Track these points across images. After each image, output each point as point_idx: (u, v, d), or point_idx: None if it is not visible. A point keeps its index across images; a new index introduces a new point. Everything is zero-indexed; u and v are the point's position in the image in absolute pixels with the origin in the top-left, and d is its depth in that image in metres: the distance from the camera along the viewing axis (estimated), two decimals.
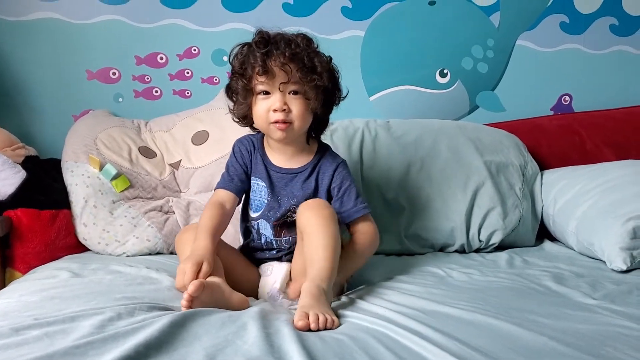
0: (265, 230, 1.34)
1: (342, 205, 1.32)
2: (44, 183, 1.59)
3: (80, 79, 1.94)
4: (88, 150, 1.65)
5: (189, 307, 0.99)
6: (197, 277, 1.08)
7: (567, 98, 2.19)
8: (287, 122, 1.25)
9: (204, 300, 1.02)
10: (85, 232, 1.56)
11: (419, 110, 2.09)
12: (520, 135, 1.97)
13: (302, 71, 1.22)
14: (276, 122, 1.25)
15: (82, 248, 1.58)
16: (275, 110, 1.24)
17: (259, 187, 1.34)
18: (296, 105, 1.25)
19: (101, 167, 1.61)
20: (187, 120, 1.82)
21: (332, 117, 1.39)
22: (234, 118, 1.36)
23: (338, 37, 2.03)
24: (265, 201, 1.33)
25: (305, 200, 1.28)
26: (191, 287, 1.00)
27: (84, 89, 1.94)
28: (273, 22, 1.92)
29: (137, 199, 1.64)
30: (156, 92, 1.99)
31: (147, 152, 1.73)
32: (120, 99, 1.97)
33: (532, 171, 1.87)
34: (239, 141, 1.40)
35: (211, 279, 1.11)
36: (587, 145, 2.01)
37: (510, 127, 2.01)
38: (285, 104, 1.24)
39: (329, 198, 1.33)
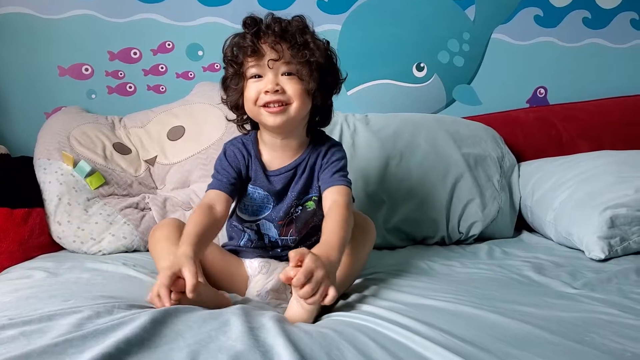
0: (269, 230, 1.27)
1: (322, 176, 1.24)
2: (16, 181, 1.55)
3: (52, 76, 1.90)
4: (61, 147, 1.61)
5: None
6: (172, 287, 0.95)
7: (542, 91, 2.21)
8: (282, 104, 1.16)
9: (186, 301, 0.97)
10: (59, 230, 1.52)
11: (397, 104, 2.09)
12: (497, 127, 1.98)
13: (294, 48, 1.15)
14: (266, 105, 1.16)
15: (56, 247, 1.54)
16: (266, 92, 1.15)
17: (260, 196, 1.25)
18: (290, 85, 1.16)
19: (75, 164, 1.57)
20: (162, 116, 1.79)
21: None
22: (227, 117, 1.32)
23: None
24: (271, 206, 1.25)
25: (304, 190, 1.25)
26: (190, 296, 0.93)
27: (56, 86, 1.90)
28: None
29: (112, 196, 1.61)
30: (130, 87, 1.95)
31: (122, 149, 1.70)
32: (93, 95, 1.93)
33: (509, 163, 1.89)
34: (231, 143, 1.29)
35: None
36: (563, 137, 2.03)
37: (487, 120, 2.02)
38: (278, 84, 1.15)
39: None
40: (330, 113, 1.31)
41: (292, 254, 0.94)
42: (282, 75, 1.16)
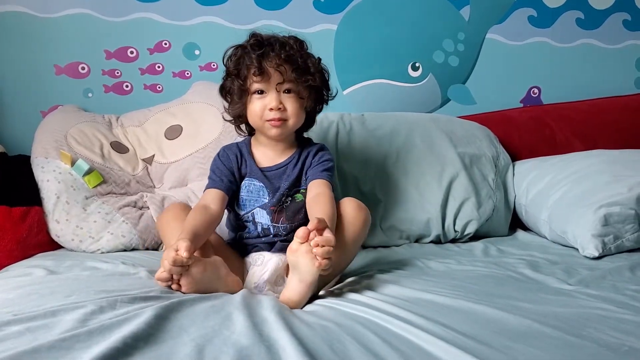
0: (262, 218, 1.34)
1: (310, 171, 1.36)
2: (14, 180, 1.55)
3: (48, 74, 1.90)
4: (59, 145, 1.61)
5: (173, 275, 1.04)
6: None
7: (536, 90, 2.23)
8: (282, 120, 1.30)
9: (196, 276, 1.05)
10: (57, 228, 1.52)
11: (392, 104, 2.11)
12: (491, 127, 2.00)
13: (297, 72, 1.28)
14: (272, 119, 1.30)
15: (54, 245, 1.54)
16: (271, 109, 1.29)
17: (255, 187, 1.35)
18: (291, 104, 1.30)
19: (73, 163, 1.58)
20: (160, 115, 1.79)
21: None
22: (224, 117, 1.42)
23: (310, 31, 2.03)
24: (266, 200, 1.34)
25: (295, 183, 1.35)
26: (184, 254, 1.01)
27: (52, 85, 1.90)
28: (245, 16, 1.95)
29: (110, 195, 1.61)
30: (127, 86, 1.96)
31: (119, 147, 1.70)
32: (90, 94, 1.93)
33: (504, 162, 1.90)
34: (226, 147, 1.42)
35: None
36: (557, 137, 2.05)
37: (481, 119, 2.03)
38: (281, 102, 1.29)
39: None
40: (314, 121, 1.45)
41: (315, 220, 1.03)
42: (283, 92, 1.30)
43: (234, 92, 1.33)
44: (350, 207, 1.27)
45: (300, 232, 1.03)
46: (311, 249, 1.01)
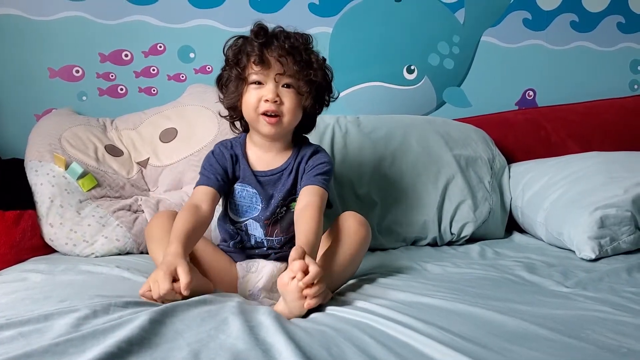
0: (255, 230, 1.31)
1: (304, 176, 1.30)
2: (7, 183, 1.54)
3: (42, 77, 1.88)
4: (53, 149, 1.60)
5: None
6: (171, 287, 0.99)
7: (531, 93, 2.23)
8: (277, 116, 1.24)
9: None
10: (51, 232, 1.51)
11: (388, 107, 2.10)
12: (487, 129, 1.99)
13: (299, 65, 1.22)
14: (265, 113, 1.23)
15: (48, 249, 1.53)
16: (266, 101, 1.22)
17: (248, 194, 1.30)
18: (289, 99, 1.24)
19: (67, 166, 1.56)
20: (155, 118, 1.78)
21: None
22: (220, 113, 1.37)
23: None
24: (259, 207, 1.30)
25: (290, 191, 1.30)
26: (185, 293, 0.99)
27: (46, 88, 1.89)
28: (240, 19, 1.94)
29: (104, 198, 1.60)
30: (121, 89, 1.94)
31: (114, 151, 1.69)
32: (84, 97, 1.92)
33: (500, 164, 1.90)
34: (220, 144, 1.35)
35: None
36: (552, 138, 2.06)
37: (477, 121, 2.03)
38: (278, 95, 1.23)
39: None
40: (314, 124, 1.40)
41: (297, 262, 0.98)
42: (282, 86, 1.24)
43: (231, 80, 1.27)
44: (351, 222, 1.24)
45: (296, 265, 0.98)
46: (300, 289, 0.96)
